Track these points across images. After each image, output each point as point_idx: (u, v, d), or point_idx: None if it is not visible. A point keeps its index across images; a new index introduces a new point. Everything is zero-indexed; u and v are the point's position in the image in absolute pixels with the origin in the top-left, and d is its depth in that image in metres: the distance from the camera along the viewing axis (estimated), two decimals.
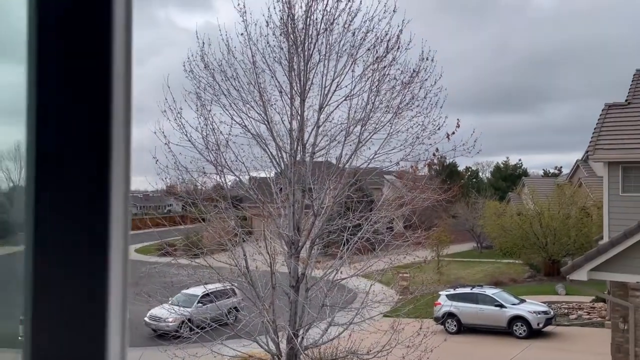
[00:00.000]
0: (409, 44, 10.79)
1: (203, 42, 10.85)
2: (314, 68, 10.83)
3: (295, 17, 10.68)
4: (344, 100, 10.97)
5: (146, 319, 19.51)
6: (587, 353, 17.26)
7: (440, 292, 21.47)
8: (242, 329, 10.70)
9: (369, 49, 10.68)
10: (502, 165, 61.23)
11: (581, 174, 37.30)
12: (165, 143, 10.31)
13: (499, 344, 19.41)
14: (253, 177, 12.59)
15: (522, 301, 21.10)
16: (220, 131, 10.83)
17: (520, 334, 19.91)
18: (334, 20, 10.68)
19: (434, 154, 11.39)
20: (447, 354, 15.36)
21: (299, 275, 10.85)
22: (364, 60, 10.75)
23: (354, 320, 10.79)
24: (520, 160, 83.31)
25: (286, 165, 11.22)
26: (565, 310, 23.02)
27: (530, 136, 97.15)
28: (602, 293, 14.46)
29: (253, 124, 11.02)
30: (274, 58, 10.88)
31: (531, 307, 20.41)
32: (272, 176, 11.86)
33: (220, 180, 11.62)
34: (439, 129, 10.72)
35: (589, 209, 30.34)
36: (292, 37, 10.72)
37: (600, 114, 17.17)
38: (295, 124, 10.93)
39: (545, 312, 20.30)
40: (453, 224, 40.45)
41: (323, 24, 10.66)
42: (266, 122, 10.95)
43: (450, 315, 20.80)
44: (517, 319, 20.03)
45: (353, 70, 10.69)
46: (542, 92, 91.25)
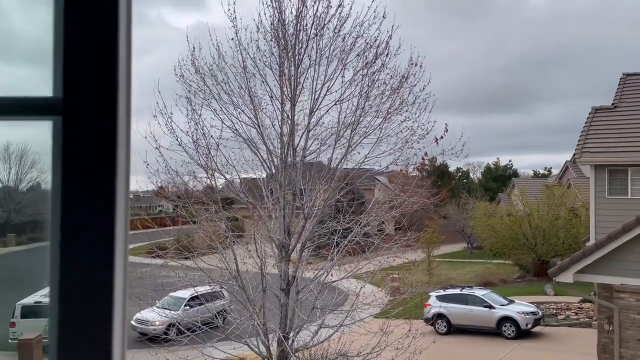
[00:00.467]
0: (398, 49, 10.93)
1: (194, 47, 10.91)
2: (304, 72, 10.93)
3: (286, 22, 10.77)
4: (334, 104, 11.09)
5: (133, 322, 19.32)
6: (574, 353, 17.49)
7: (431, 293, 21.65)
8: (233, 332, 10.76)
9: (358, 54, 10.80)
10: (493, 166, 61.66)
11: (570, 175, 37.71)
12: (155, 147, 10.35)
13: (488, 344, 19.61)
14: (244, 179, 12.65)
15: (511, 302, 21.33)
16: (211, 135, 10.90)
17: (509, 334, 20.14)
18: (324, 25, 10.78)
19: (423, 158, 11.56)
20: (437, 355, 15.50)
21: (290, 278, 10.93)
22: (353, 65, 10.86)
23: (344, 322, 10.89)
24: (510, 161, 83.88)
25: (277, 168, 11.31)
26: (554, 311, 23.29)
27: (521, 136, 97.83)
28: (589, 295, 14.68)
29: (244, 128, 11.10)
30: (265, 63, 10.97)
31: (520, 308, 20.64)
32: (264, 177, 11.92)
33: (210, 182, 11.68)
34: (427, 133, 10.88)
35: (578, 210, 30.69)
36: (283, 42, 10.81)
37: (587, 118, 17.42)
38: (285, 128, 11.02)
39: (533, 313, 20.54)
40: (444, 224, 40.68)
41: (313, 29, 10.76)
42: (257, 126, 11.02)
43: (440, 316, 20.97)
44: (506, 319, 20.25)
45: (343, 75, 10.80)
46: (535, 93, 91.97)
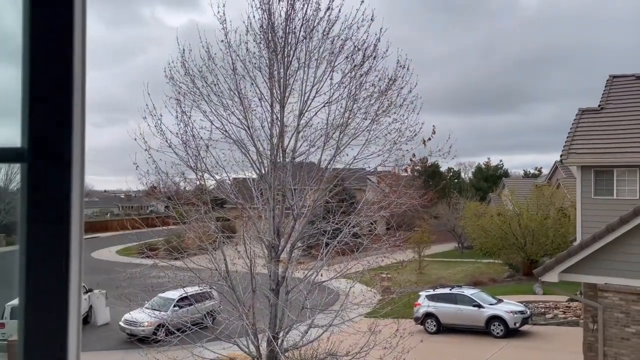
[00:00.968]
0: (386, 51, 11.05)
1: (184, 49, 10.96)
2: (293, 74, 11.01)
3: (275, 25, 10.84)
4: (323, 106, 11.18)
5: (121, 323, 19.22)
6: (562, 352, 17.73)
7: (420, 293, 21.83)
8: (222, 332, 10.82)
9: (347, 57, 10.90)
10: (484, 166, 62.05)
11: (560, 175, 38.08)
12: (145, 149, 10.39)
13: (477, 343, 19.80)
14: (234, 180, 12.71)
15: (500, 301, 21.55)
16: (201, 137, 10.95)
17: (497, 333, 20.35)
18: (313, 28, 10.87)
19: (411, 159, 11.68)
20: (426, 354, 15.65)
21: (279, 278, 11.01)
22: (342, 68, 10.96)
23: (334, 322, 10.99)
24: (501, 161, 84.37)
25: (266, 169, 11.38)
26: (542, 310, 23.55)
27: (513, 137, 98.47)
28: (575, 294, 14.89)
29: (234, 130, 11.17)
30: (254, 65, 11.04)
31: (508, 307, 20.86)
32: (254, 177, 11.98)
33: (200, 183, 11.74)
34: (415, 135, 11.00)
35: (567, 209, 31.00)
36: (272, 44, 10.88)
37: (574, 119, 17.65)
38: (275, 129, 11.10)
39: (522, 312, 20.77)
40: (435, 224, 40.89)
41: (302, 31, 10.85)
42: (246, 128, 11.09)
43: (429, 315, 21.15)
44: (495, 318, 20.46)
45: (331, 77, 10.89)
46: (527, 93, 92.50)
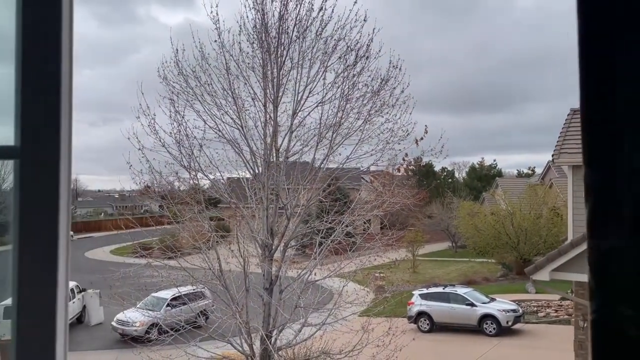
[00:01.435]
0: (379, 51, 11.12)
1: (177, 49, 10.98)
2: (286, 74, 11.06)
3: (268, 25, 10.89)
4: (317, 106, 11.24)
5: (113, 323, 19.09)
6: (553, 350, 17.88)
7: (414, 292, 21.93)
8: (215, 331, 10.86)
9: (340, 57, 10.96)
10: (478, 165, 62.26)
11: (552, 175, 38.29)
12: (139, 149, 10.41)
13: (469, 341, 19.93)
14: (228, 179, 12.74)
15: (492, 300, 21.69)
16: (194, 136, 10.98)
17: (490, 331, 20.49)
18: (306, 28, 10.92)
19: (404, 159, 11.78)
20: (419, 352, 15.75)
21: (273, 277, 11.06)
22: (335, 68, 11.02)
23: (327, 321, 11.06)
24: (495, 160, 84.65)
25: (260, 169, 11.43)
26: (535, 308, 23.72)
27: (507, 136, 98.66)
28: (567, 292, 15.03)
29: (227, 129, 11.20)
30: (248, 65, 11.08)
31: (501, 306, 21.01)
32: (248, 177, 12.01)
33: (193, 183, 11.77)
34: (407, 135, 11.09)
35: (559, 209, 31.19)
36: (266, 44, 10.93)
37: (566, 119, 17.77)
38: (269, 129, 11.15)
39: (514, 311, 20.92)
40: (429, 224, 40.97)
41: (296, 31, 10.90)
42: (240, 128, 11.13)
43: (423, 314, 21.26)
44: (487, 317, 20.60)
45: (324, 77, 10.95)
46: (521, 93, 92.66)
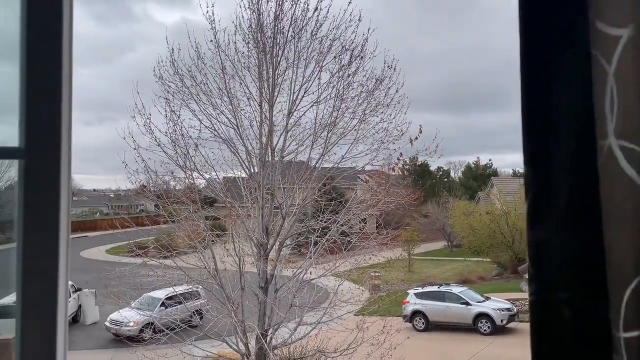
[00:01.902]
0: (374, 51, 11.19)
1: (173, 49, 11.02)
2: (282, 74, 11.12)
3: (264, 25, 10.93)
4: (312, 106, 11.29)
5: (107, 323, 18.97)
6: None
7: (409, 291, 22.02)
8: (211, 330, 10.90)
9: (335, 57, 11.02)
10: (473, 165, 62.41)
11: None
12: (134, 148, 10.44)
13: (464, 340, 20.04)
14: (223, 179, 12.78)
15: (487, 299, 21.82)
16: (190, 136, 11.02)
17: (485, 330, 20.60)
18: (302, 28, 10.98)
19: (399, 158, 11.86)
20: (414, 350, 15.83)
21: (268, 276, 11.11)
22: (330, 68, 11.08)
23: (322, 320, 11.11)
24: (490, 160, 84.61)
25: (256, 168, 11.48)
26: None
27: (504, 136, 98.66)
28: None
29: (223, 129, 11.25)
30: (243, 65, 11.13)
31: (495, 305, 21.13)
32: (244, 176, 12.06)
33: (189, 183, 11.80)
34: (402, 135, 11.18)
35: None
36: (262, 45, 10.97)
37: None
38: (264, 129, 11.20)
39: (508, 310, 21.05)
40: (425, 223, 41.00)
41: (291, 31, 10.95)
42: (236, 127, 11.18)
43: (418, 313, 21.36)
44: (482, 316, 20.72)
45: (320, 77, 11.01)
46: (517, 93, 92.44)
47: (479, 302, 21.23)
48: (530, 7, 0.50)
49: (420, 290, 22.30)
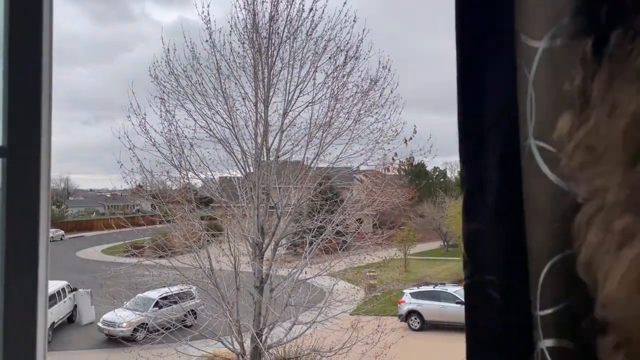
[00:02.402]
0: (368, 52, 11.27)
1: (168, 49, 11.06)
2: (277, 74, 11.18)
3: (259, 25, 10.99)
4: (307, 106, 11.36)
5: (99, 324, 18.94)
6: None
7: (405, 291, 22.10)
8: (206, 329, 10.95)
9: (330, 58, 11.09)
10: None
11: None
12: (129, 148, 10.48)
13: (459, 339, 19.94)
14: (220, 179, 12.83)
15: None
16: (185, 135, 11.07)
17: None
18: (297, 28, 11.04)
19: (393, 158, 11.94)
20: (409, 349, 15.91)
21: (263, 276, 11.17)
22: (325, 68, 11.15)
23: (317, 319, 11.18)
24: None
25: (251, 168, 11.54)
26: None
27: None
28: None
29: (218, 129, 11.30)
30: (239, 65, 11.18)
31: None
32: (239, 176, 12.11)
33: (184, 182, 11.84)
34: (397, 134, 11.26)
35: None
36: (257, 45, 11.03)
37: None
38: (259, 128, 11.25)
39: None
40: (421, 223, 41.09)
41: (286, 31, 11.02)
42: (231, 127, 11.23)
43: (413, 312, 21.45)
44: None
45: (314, 78, 11.08)
46: None
47: None
48: (466, 16, 0.56)
49: (416, 289, 22.37)
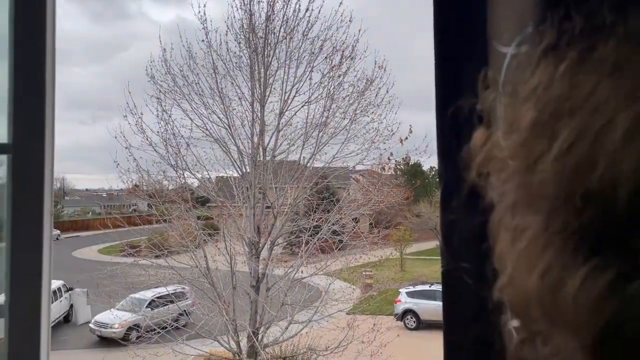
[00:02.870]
0: (364, 51, 11.32)
1: (164, 48, 11.08)
2: (273, 74, 11.22)
3: (256, 25, 11.03)
4: (303, 106, 11.41)
5: (91, 325, 18.84)
6: None
7: (401, 290, 22.17)
8: (202, 328, 10.98)
9: (326, 58, 11.14)
10: None
11: None
12: (125, 147, 10.50)
13: None
14: (215, 178, 12.85)
15: None
16: (182, 135, 11.10)
17: None
18: (293, 28, 11.08)
19: (389, 158, 12.01)
20: (404, 348, 15.98)
21: (260, 275, 11.21)
22: (321, 68, 11.20)
23: (313, 318, 11.23)
24: None
25: (247, 167, 11.57)
26: None
27: None
28: None
29: (215, 128, 11.33)
30: (235, 64, 11.21)
31: None
32: (236, 176, 12.14)
33: (181, 182, 11.87)
34: (392, 134, 11.32)
35: None
36: (253, 45, 11.07)
37: None
38: (256, 128, 11.29)
39: None
40: (417, 222, 41.12)
41: (282, 31, 11.06)
42: (227, 127, 11.26)
43: (409, 311, 21.52)
44: None
45: (310, 77, 11.13)
46: None
47: None
48: (443, 20, 0.61)
49: (412, 288, 22.44)
